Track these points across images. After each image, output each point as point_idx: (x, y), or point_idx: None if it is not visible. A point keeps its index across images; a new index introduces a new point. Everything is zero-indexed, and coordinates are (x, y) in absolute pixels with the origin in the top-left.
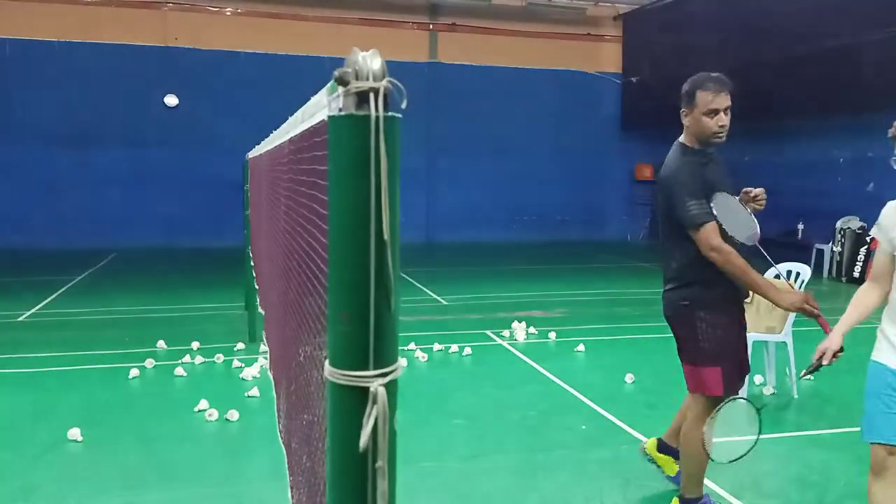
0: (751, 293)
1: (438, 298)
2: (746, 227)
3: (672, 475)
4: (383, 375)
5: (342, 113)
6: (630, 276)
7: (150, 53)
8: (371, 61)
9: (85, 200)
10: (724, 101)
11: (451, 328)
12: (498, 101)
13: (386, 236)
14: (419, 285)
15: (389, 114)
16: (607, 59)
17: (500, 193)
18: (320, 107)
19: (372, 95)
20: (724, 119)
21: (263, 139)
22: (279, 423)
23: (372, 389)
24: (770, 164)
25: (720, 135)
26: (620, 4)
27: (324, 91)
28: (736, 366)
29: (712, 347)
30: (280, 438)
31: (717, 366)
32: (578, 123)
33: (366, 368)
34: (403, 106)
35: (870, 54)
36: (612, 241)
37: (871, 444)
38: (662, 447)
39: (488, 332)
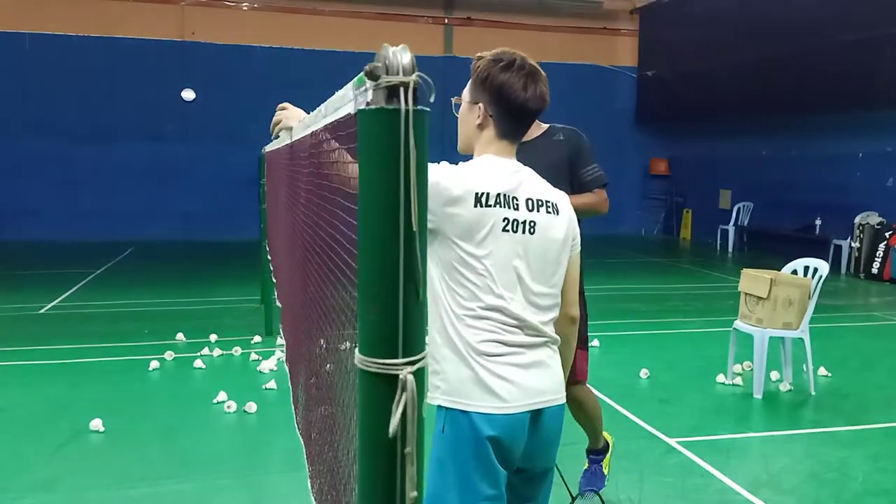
0: (767, 292)
1: None
2: None
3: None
4: (412, 363)
5: (372, 107)
6: (644, 271)
7: (167, 48)
8: (401, 56)
9: (103, 194)
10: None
11: None
12: None
13: (415, 227)
14: None
15: (418, 107)
16: (623, 53)
17: None
18: (346, 101)
19: (402, 90)
20: None
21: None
22: (297, 415)
23: (401, 377)
24: (787, 159)
25: None
26: None
27: (349, 85)
28: None
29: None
30: (298, 430)
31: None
32: (593, 117)
33: (395, 357)
34: (431, 100)
35: (888, 48)
36: (627, 235)
37: None
38: None
39: None
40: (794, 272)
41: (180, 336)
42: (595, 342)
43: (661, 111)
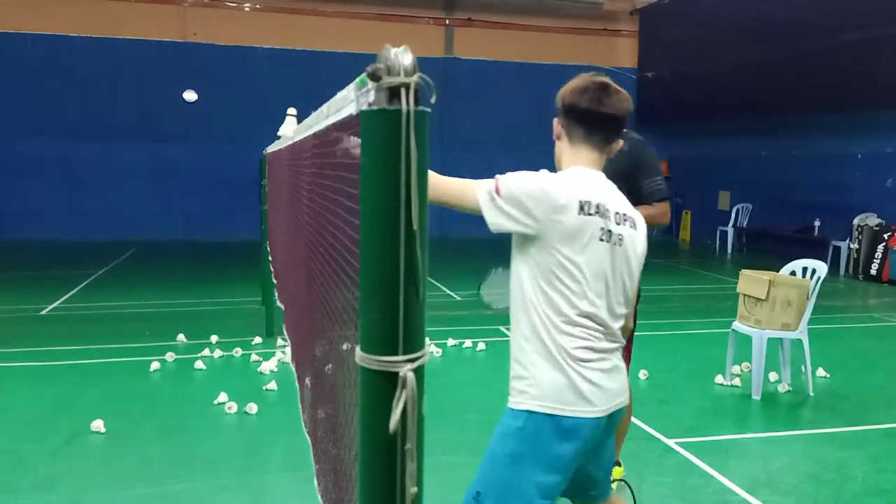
0: (766, 293)
1: (452, 294)
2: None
3: None
4: (412, 361)
5: (374, 107)
6: (643, 272)
7: (168, 49)
8: (403, 57)
9: (105, 195)
10: None
11: (465, 324)
12: (513, 96)
13: (415, 227)
14: (433, 280)
15: (420, 108)
16: (623, 54)
17: None
18: (347, 101)
19: (403, 90)
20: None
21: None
22: (303, 414)
23: (401, 374)
24: (787, 160)
25: None
26: None
27: (351, 86)
28: None
29: None
30: (304, 429)
31: None
32: None
33: (395, 354)
34: (432, 101)
35: (889, 48)
36: None
37: None
38: None
39: (502, 328)
40: (793, 273)
41: (181, 337)
42: None
43: (661, 112)
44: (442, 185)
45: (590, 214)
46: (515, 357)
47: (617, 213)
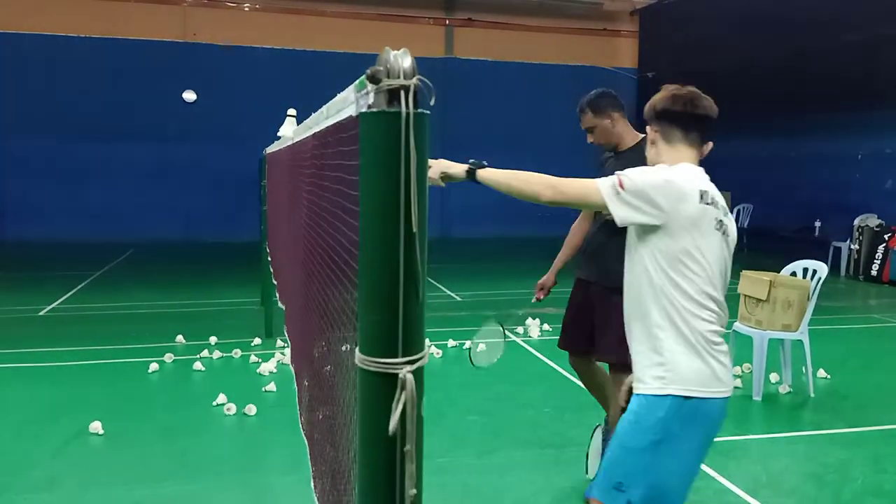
0: (766, 293)
1: (452, 294)
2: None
3: None
4: (411, 362)
5: (373, 109)
6: None
7: (169, 49)
8: (402, 60)
9: (104, 195)
10: (581, 124)
11: (466, 324)
12: (513, 96)
13: (415, 228)
14: (433, 281)
15: (419, 110)
16: (623, 54)
17: None
18: (347, 103)
19: (402, 93)
20: (588, 138)
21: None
22: (301, 415)
23: (401, 376)
24: (787, 160)
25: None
26: None
27: (351, 88)
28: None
29: None
30: (302, 430)
31: None
32: None
33: (395, 356)
34: (432, 103)
35: (889, 49)
36: None
37: None
38: None
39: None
40: (794, 274)
41: (180, 338)
42: None
43: None
44: (563, 186)
45: (707, 204)
46: (650, 346)
47: (722, 205)
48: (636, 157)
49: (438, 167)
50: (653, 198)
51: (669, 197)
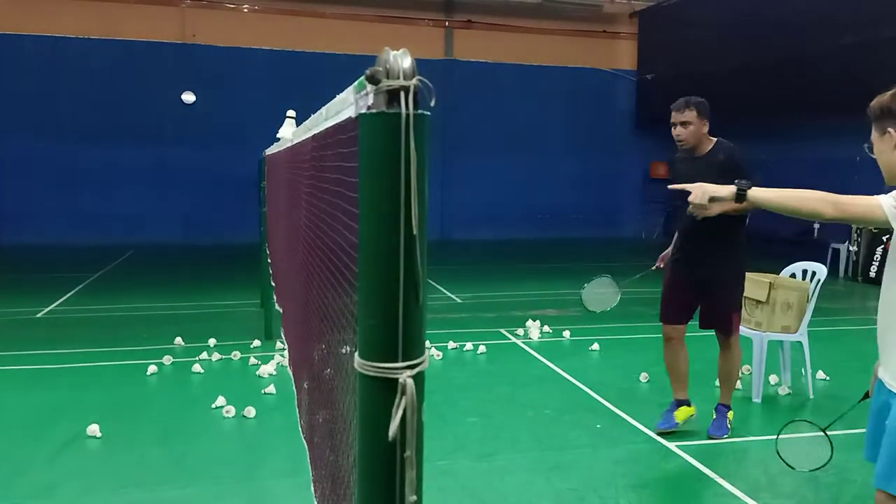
0: (766, 295)
1: (453, 296)
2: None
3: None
4: (411, 367)
5: (373, 111)
6: (644, 275)
7: (167, 50)
8: (402, 60)
9: (103, 197)
10: (678, 117)
11: (466, 326)
12: (513, 98)
13: (415, 231)
14: (433, 283)
15: (419, 111)
16: (623, 56)
17: (515, 191)
18: (346, 104)
19: (402, 94)
20: (677, 130)
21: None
22: (300, 419)
23: (401, 381)
24: (786, 162)
25: (678, 141)
26: (636, 1)
27: (350, 89)
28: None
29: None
30: (301, 434)
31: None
32: (593, 121)
33: (395, 360)
34: (432, 104)
35: (888, 51)
36: (627, 238)
37: None
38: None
39: (503, 331)
40: (793, 275)
41: (179, 340)
42: (595, 345)
43: (661, 114)
44: (845, 205)
45: None
46: None
47: None
48: (714, 160)
49: (703, 192)
50: None
51: None
